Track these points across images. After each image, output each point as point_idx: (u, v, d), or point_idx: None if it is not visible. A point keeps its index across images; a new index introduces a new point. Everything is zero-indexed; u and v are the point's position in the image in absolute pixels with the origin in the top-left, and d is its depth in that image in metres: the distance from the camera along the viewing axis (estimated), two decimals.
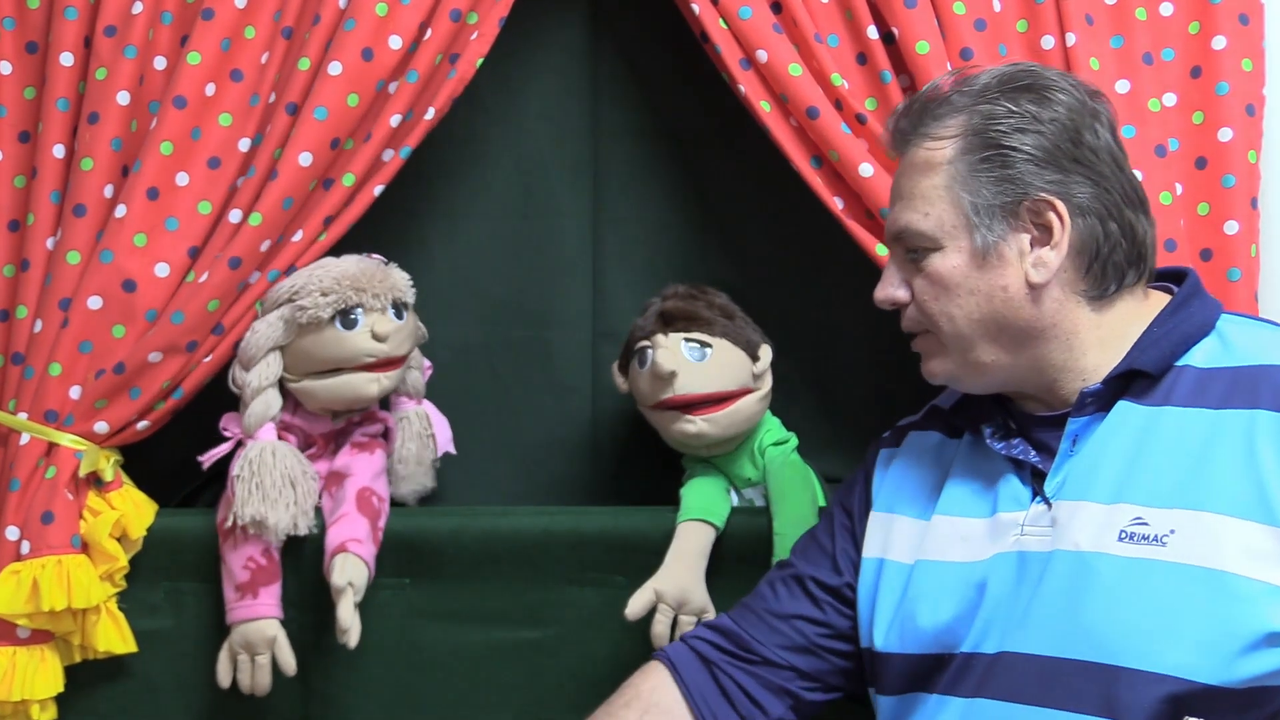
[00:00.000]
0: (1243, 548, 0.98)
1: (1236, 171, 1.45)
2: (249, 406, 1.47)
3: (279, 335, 1.46)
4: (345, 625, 1.37)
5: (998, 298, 1.10)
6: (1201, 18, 1.48)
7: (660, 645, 1.39)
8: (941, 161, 1.11)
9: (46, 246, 1.47)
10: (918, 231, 1.13)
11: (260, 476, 1.42)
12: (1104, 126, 1.11)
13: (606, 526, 1.51)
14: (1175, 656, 0.97)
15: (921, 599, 1.14)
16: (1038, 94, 1.10)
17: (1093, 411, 1.09)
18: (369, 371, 1.47)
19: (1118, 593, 1.01)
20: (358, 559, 1.41)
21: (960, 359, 1.14)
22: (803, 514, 1.46)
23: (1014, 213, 1.09)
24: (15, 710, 1.43)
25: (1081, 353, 1.11)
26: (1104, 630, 1.01)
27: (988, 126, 1.10)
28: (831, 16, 1.50)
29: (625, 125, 1.71)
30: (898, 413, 1.68)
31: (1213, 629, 0.97)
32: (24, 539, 1.42)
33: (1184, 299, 1.13)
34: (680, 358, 1.46)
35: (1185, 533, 1.00)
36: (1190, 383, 1.07)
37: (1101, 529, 1.03)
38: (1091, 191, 1.09)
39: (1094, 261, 1.09)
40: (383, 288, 1.46)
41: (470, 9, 1.49)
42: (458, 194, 1.70)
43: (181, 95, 1.44)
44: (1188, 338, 1.09)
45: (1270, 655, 0.96)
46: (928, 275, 1.13)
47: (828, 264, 1.66)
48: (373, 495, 1.48)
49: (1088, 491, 1.06)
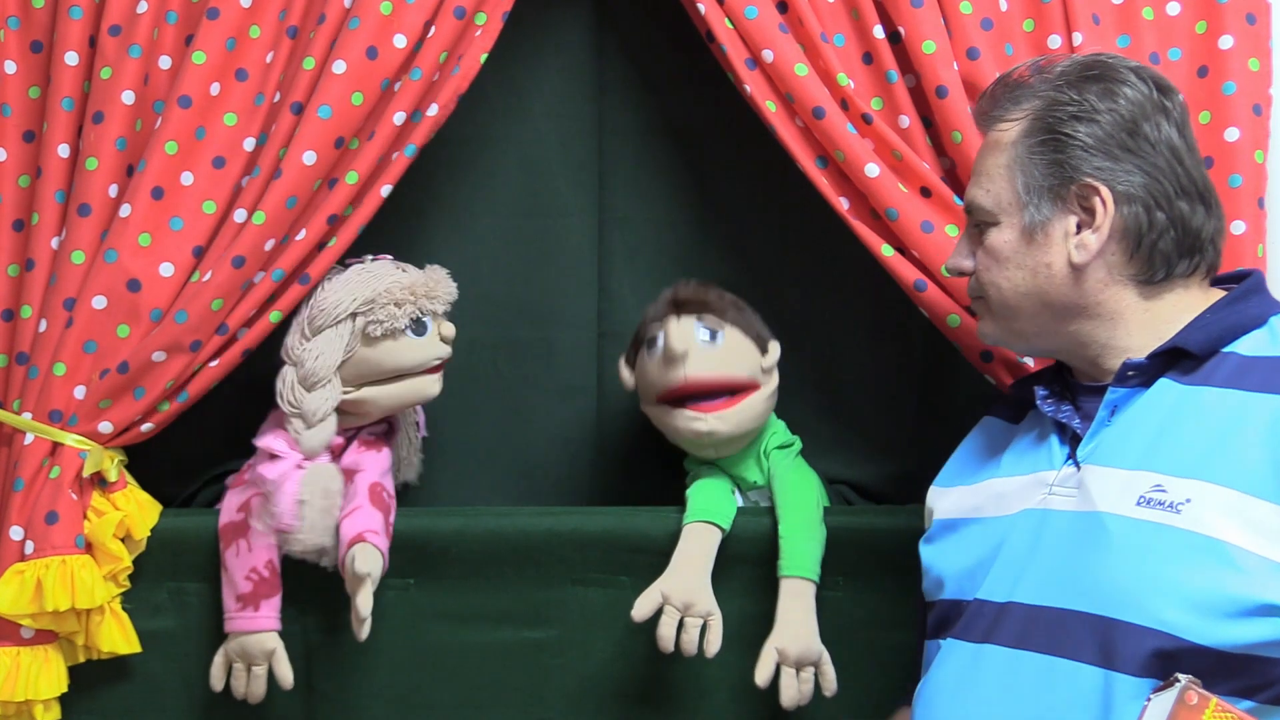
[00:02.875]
0: (1252, 523, 1.00)
1: (1243, 171, 1.44)
2: (313, 428, 1.44)
3: (343, 351, 1.45)
4: (364, 614, 1.37)
5: (1041, 274, 1.16)
6: (1208, 17, 1.48)
7: (666, 647, 1.39)
8: (1007, 142, 1.19)
9: (51, 246, 1.47)
10: (979, 206, 1.21)
11: (328, 501, 1.42)
12: (1169, 121, 1.15)
13: (610, 527, 1.50)
14: (1168, 614, 1.00)
15: (952, 550, 1.23)
16: (1104, 85, 1.15)
17: (1135, 385, 1.13)
18: (432, 374, 1.51)
19: (1125, 551, 1.05)
20: (375, 549, 1.40)
21: (1005, 325, 1.22)
22: (808, 518, 1.46)
23: (1062, 195, 1.15)
24: (19, 710, 1.43)
25: (1126, 333, 1.16)
26: (1105, 584, 1.05)
27: (1049, 112, 1.16)
28: (837, 16, 1.49)
29: (631, 124, 1.71)
30: (902, 415, 1.70)
31: (1207, 592, 1.00)
32: (28, 539, 1.42)
33: (1242, 293, 1.16)
34: (692, 339, 1.46)
35: (1200, 502, 1.03)
36: (1232, 367, 1.10)
37: (1122, 493, 1.07)
38: (1142, 181, 1.13)
39: (1139, 247, 1.13)
40: (442, 292, 1.51)
41: (475, 7, 1.48)
42: (462, 193, 1.70)
43: (186, 94, 1.44)
44: (1238, 327, 1.12)
45: (1260, 625, 0.99)
46: (985, 247, 1.21)
47: (833, 264, 1.66)
48: (383, 490, 1.48)
49: (1116, 458, 1.11)
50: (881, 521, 1.51)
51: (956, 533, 1.25)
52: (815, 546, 1.44)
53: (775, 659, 1.38)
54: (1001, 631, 1.11)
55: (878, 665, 1.45)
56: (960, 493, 1.27)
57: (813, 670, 1.40)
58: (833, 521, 1.48)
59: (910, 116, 1.47)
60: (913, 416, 1.69)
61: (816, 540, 1.45)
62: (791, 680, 1.39)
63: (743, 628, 1.42)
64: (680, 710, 1.50)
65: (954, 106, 1.44)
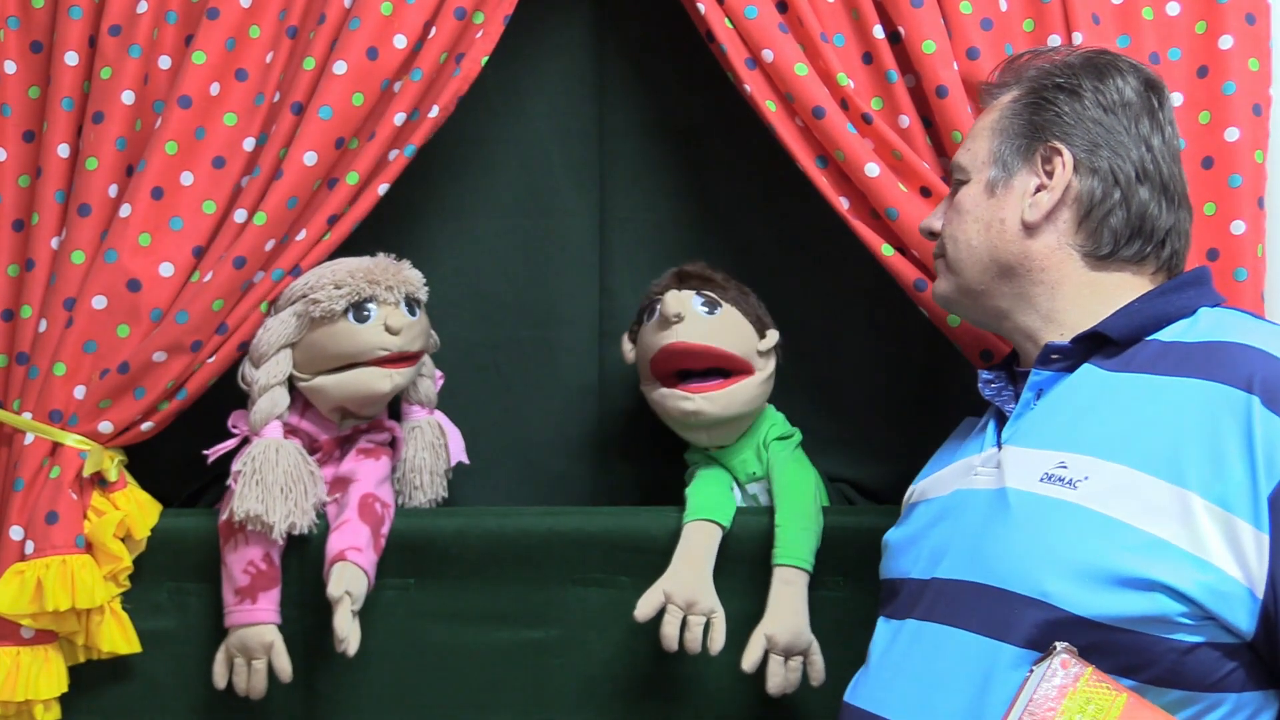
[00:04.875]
0: (1145, 502, 1.01)
1: (1243, 171, 1.44)
2: (256, 403, 1.46)
3: (291, 332, 1.46)
4: (342, 635, 1.38)
5: (994, 228, 1.20)
6: (1208, 17, 1.48)
7: (670, 646, 1.39)
8: (996, 106, 1.25)
9: (51, 246, 1.47)
10: (958, 163, 1.26)
11: (262, 473, 1.42)
12: (1152, 120, 1.19)
13: (611, 527, 1.50)
14: (1051, 584, 1.02)
15: (899, 531, 1.27)
16: (1099, 70, 1.20)
17: (1059, 369, 1.16)
18: (382, 366, 1.47)
19: (1020, 525, 1.07)
20: (356, 568, 1.40)
21: (956, 281, 1.25)
22: (805, 508, 1.47)
23: (1028, 154, 1.20)
24: (19, 710, 1.43)
25: (1065, 304, 1.18)
26: (1000, 557, 1.08)
27: (1039, 80, 1.22)
28: (837, 16, 1.49)
29: (631, 124, 1.71)
30: (900, 412, 1.70)
31: (1088, 564, 1.01)
32: (28, 539, 1.42)
33: (1178, 285, 1.18)
34: (689, 306, 1.46)
35: (1098, 480, 1.04)
36: (1150, 353, 1.11)
37: (1029, 471, 1.10)
38: (1107, 156, 1.17)
39: (1089, 217, 1.17)
40: (396, 281, 1.47)
41: (475, 8, 1.48)
42: (463, 193, 1.70)
43: (186, 95, 1.44)
44: (1164, 317, 1.14)
45: (1139, 598, 0.99)
46: (954, 204, 1.25)
47: (833, 263, 1.66)
48: (376, 501, 1.48)
49: (1033, 439, 1.14)
50: (881, 521, 1.49)
51: (907, 517, 1.29)
52: (810, 537, 1.45)
53: (764, 645, 1.38)
54: (920, 607, 1.14)
55: None
56: (920, 484, 1.31)
57: (801, 659, 1.41)
58: (832, 521, 1.48)
59: (910, 116, 1.47)
60: (913, 416, 1.69)
61: (811, 531, 1.45)
62: (779, 668, 1.39)
63: (744, 626, 1.42)
64: (681, 710, 1.50)
65: (954, 106, 1.44)
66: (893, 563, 1.25)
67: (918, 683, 1.10)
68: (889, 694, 1.13)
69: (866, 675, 1.18)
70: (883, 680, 1.15)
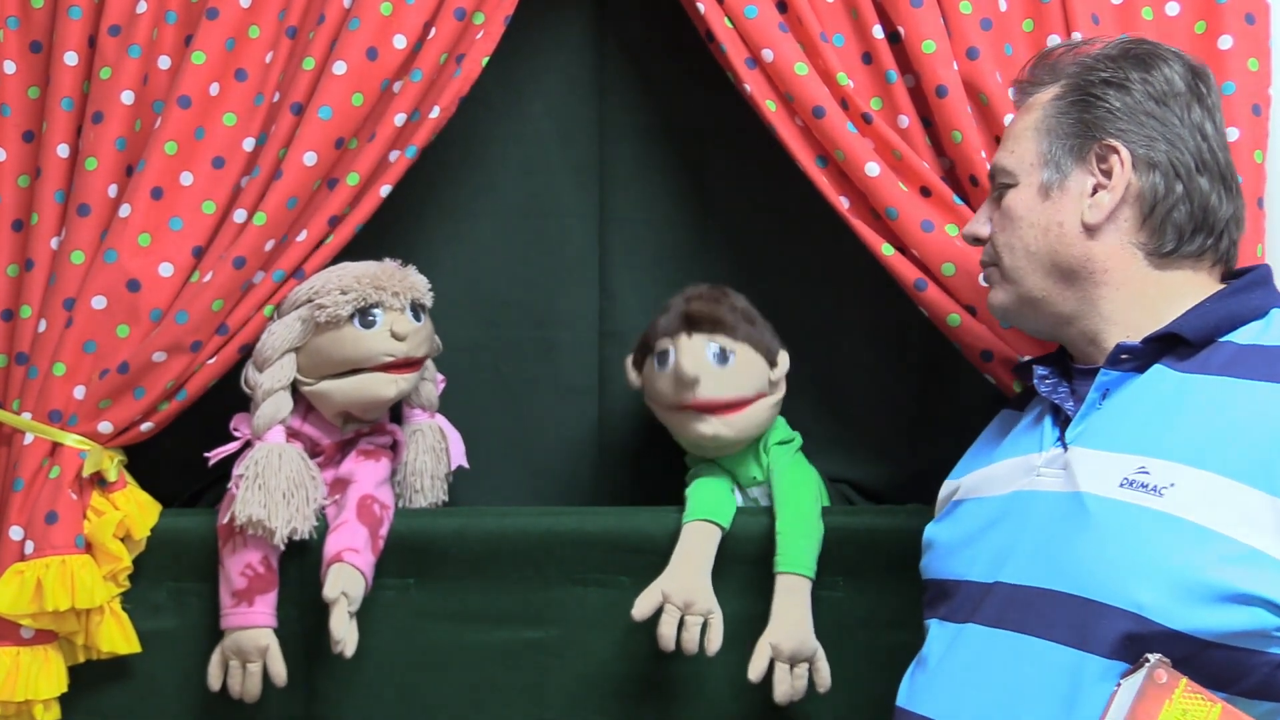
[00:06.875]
0: (1238, 512, 0.99)
1: (1243, 171, 1.43)
2: (259, 407, 1.46)
3: (296, 336, 1.46)
4: (338, 636, 1.38)
5: (1053, 232, 1.16)
6: (1208, 17, 1.48)
7: (667, 646, 1.39)
8: (1038, 105, 1.20)
9: (50, 246, 1.47)
10: (1002, 168, 1.21)
11: (264, 478, 1.42)
12: (1201, 105, 1.16)
13: (610, 527, 1.50)
14: (1142, 596, 0.99)
15: (946, 529, 1.24)
16: (1142, 60, 1.17)
17: (1129, 369, 1.12)
18: (387, 372, 1.47)
19: (1104, 532, 1.04)
20: (352, 569, 1.41)
21: (1015, 291, 1.21)
22: (806, 515, 1.46)
23: (1082, 154, 1.16)
24: (19, 710, 1.43)
25: (1129, 305, 1.15)
26: (1082, 565, 1.04)
27: (1083, 76, 1.18)
28: (837, 15, 1.49)
29: (631, 124, 1.71)
30: (901, 412, 1.70)
31: (1184, 577, 0.98)
32: (28, 539, 1.42)
33: (1246, 284, 1.16)
34: (704, 362, 1.46)
35: (1185, 488, 1.01)
36: (1227, 355, 1.09)
37: (1106, 475, 1.07)
38: (1164, 149, 1.14)
39: (1152, 214, 1.13)
40: (402, 287, 1.47)
41: (475, 8, 1.48)
42: (463, 194, 1.70)
43: (186, 95, 1.44)
44: (1237, 317, 1.11)
45: (1236, 612, 0.97)
46: (1002, 209, 1.21)
47: (833, 263, 1.66)
48: (374, 503, 1.48)
49: (1104, 441, 1.10)
50: (881, 521, 1.51)
51: (953, 513, 1.25)
52: (811, 543, 1.44)
53: (769, 654, 1.38)
54: (983, 611, 1.11)
55: (877, 665, 1.44)
56: (967, 479, 1.27)
57: (807, 667, 1.40)
58: (833, 521, 1.48)
59: (910, 116, 1.47)
60: (913, 416, 1.69)
61: (813, 537, 1.45)
62: (785, 676, 1.39)
63: (742, 627, 1.42)
64: (680, 710, 1.50)
65: (953, 106, 1.44)
66: (941, 562, 1.22)
67: (993, 693, 1.07)
68: (958, 703, 1.10)
69: (926, 680, 1.15)
70: (948, 688, 1.11)
